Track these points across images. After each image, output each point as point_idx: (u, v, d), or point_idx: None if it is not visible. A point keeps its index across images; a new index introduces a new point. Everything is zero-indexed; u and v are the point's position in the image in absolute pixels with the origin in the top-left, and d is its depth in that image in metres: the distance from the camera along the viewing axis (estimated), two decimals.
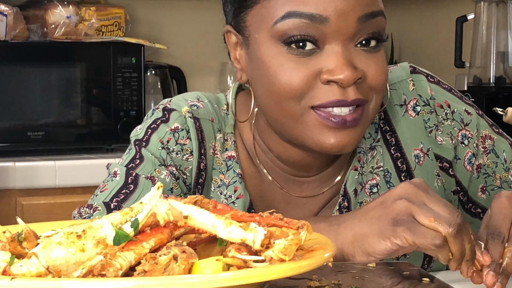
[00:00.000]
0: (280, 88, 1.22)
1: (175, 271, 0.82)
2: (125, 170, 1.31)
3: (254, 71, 1.27)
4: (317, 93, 1.21)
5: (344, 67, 1.20)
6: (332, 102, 1.21)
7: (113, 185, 1.31)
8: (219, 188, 1.35)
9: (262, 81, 1.25)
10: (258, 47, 1.25)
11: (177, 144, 1.33)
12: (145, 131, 1.35)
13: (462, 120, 1.40)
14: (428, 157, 1.38)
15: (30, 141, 2.78)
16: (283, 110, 1.23)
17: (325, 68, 1.21)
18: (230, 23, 1.30)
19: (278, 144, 1.32)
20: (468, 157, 1.40)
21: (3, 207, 2.62)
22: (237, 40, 1.30)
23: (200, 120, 1.35)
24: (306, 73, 1.21)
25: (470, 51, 3.00)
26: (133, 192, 1.28)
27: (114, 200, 1.28)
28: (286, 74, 1.21)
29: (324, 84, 1.21)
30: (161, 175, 1.30)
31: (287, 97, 1.22)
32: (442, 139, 1.39)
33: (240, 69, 1.30)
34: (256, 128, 1.36)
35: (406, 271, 1.11)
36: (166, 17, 3.42)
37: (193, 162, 1.33)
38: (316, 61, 1.21)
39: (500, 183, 1.40)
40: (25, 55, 2.83)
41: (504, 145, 1.42)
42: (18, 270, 0.82)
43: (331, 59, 1.21)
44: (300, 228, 0.86)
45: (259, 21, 1.24)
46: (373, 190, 1.36)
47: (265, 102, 1.26)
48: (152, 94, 3.16)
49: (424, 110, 1.38)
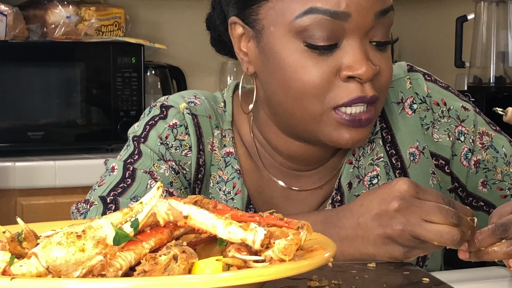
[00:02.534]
0: (301, 86, 1.23)
1: (175, 271, 0.82)
2: (122, 164, 1.32)
3: (267, 65, 1.27)
4: (338, 92, 1.23)
5: (363, 61, 1.22)
6: (354, 99, 1.23)
7: (110, 179, 1.31)
8: (217, 184, 1.35)
9: (277, 76, 1.25)
10: (273, 41, 1.24)
11: (175, 140, 1.33)
12: (143, 127, 1.35)
13: (458, 116, 1.41)
14: (424, 155, 1.39)
15: (30, 141, 2.78)
16: (302, 108, 1.24)
17: (344, 64, 1.22)
18: (236, 15, 1.29)
19: (279, 137, 1.33)
20: (465, 153, 1.40)
21: (3, 207, 2.62)
22: (244, 32, 1.29)
23: (198, 117, 1.35)
24: (326, 70, 1.22)
25: (470, 51, 3.00)
26: (131, 186, 1.29)
27: (111, 194, 1.29)
28: (307, 71, 1.22)
29: (344, 82, 1.22)
30: (160, 169, 1.31)
31: (308, 95, 1.23)
32: (438, 136, 1.40)
33: (247, 61, 1.30)
34: (255, 122, 1.36)
35: (406, 271, 1.11)
36: (166, 17, 3.42)
37: (192, 158, 1.33)
38: (335, 57, 1.23)
39: (502, 177, 1.41)
40: (25, 55, 2.83)
41: (502, 141, 1.43)
42: (18, 270, 0.82)
43: (349, 54, 1.22)
44: (300, 228, 0.86)
45: (276, 15, 1.24)
46: (373, 182, 1.37)
47: (279, 96, 1.26)
48: (152, 94, 3.15)
49: (421, 108, 1.39)
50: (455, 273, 1.29)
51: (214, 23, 1.40)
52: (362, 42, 1.23)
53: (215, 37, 1.42)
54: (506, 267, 1.29)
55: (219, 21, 1.37)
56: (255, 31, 1.27)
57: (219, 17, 1.37)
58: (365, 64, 1.21)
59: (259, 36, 1.27)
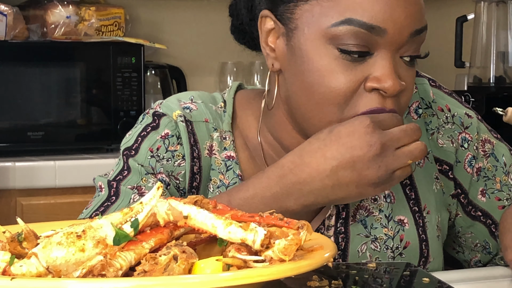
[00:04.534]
0: (326, 92, 1.21)
1: (175, 271, 0.82)
2: (107, 183, 1.31)
3: (294, 65, 1.25)
4: (359, 101, 1.21)
5: (391, 76, 1.20)
6: (373, 110, 1.21)
7: (97, 200, 1.31)
8: (218, 188, 1.34)
9: (303, 78, 1.23)
10: (305, 42, 1.23)
11: (167, 151, 1.32)
12: (135, 139, 1.34)
13: (462, 123, 1.40)
14: (428, 160, 1.38)
15: (30, 141, 2.78)
16: (322, 114, 1.23)
17: (372, 75, 1.21)
18: (270, 9, 1.27)
19: (292, 137, 1.31)
20: (469, 160, 1.40)
21: (3, 207, 2.62)
22: (274, 27, 1.27)
23: (193, 123, 1.34)
24: (353, 79, 1.21)
25: (470, 51, 3.00)
26: (114, 203, 1.28)
27: (93, 214, 1.28)
28: (335, 77, 1.21)
29: (368, 92, 1.21)
30: (148, 183, 1.30)
31: (331, 102, 1.21)
32: (443, 142, 1.39)
33: (273, 57, 1.28)
34: (266, 122, 1.35)
35: (406, 271, 1.11)
36: (166, 17, 3.42)
37: (186, 166, 1.32)
38: (364, 67, 1.21)
39: (500, 186, 1.41)
40: (25, 55, 2.83)
41: (503, 149, 1.43)
42: (18, 270, 0.82)
43: (379, 67, 1.21)
44: (300, 228, 0.86)
45: (312, 18, 1.22)
46: None
47: (300, 98, 1.25)
48: (152, 94, 3.15)
49: (426, 113, 1.39)
50: (455, 273, 1.29)
51: (238, 10, 1.37)
52: (394, 57, 1.22)
53: (236, 25, 1.39)
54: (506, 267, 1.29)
55: (244, 10, 1.35)
56: (287, 29, 1.25)
57: (245, 6, 1.34)
58: (393, 79, 1.20)
59: (290, 34, 1.25)
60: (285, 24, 1.26)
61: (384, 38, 1.20)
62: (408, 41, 1.22)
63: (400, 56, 1.23)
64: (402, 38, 1.21)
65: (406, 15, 1.21)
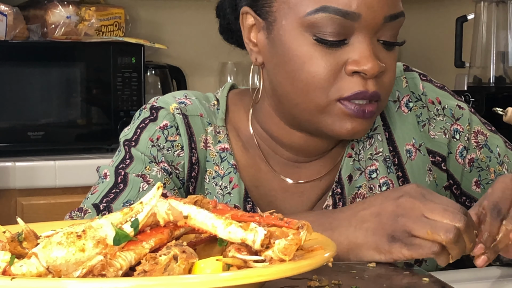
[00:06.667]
0: (308, 78, 1.25)
1: (175, 271, 0.82)
2: (114, 170, 1.33)
3: (275, 56, 1.29)
4: (342, 85, 1.25)
5: (369, 58, 1.24)
6: (356, 93, 1.25)
7: (103, 186, 1.32)
8: (214, 179, 1.37)
9: (286, 68, 1.28)
10: (284, 33, 1.27)
11: (167, 141, 1.35)
12: (134, 131, 1.37)
13: (453, 115, 1.43)
14: (420, 152, 1.41)
15: (30, 141, 2.78)
16: (308, 99, 1.26)
17: (351, 59, 1.25)
18: (249, 5, 1.31)
19: (281, 128, 1.35)
20: (460, 151, 1.42)
21: (3, 207, 2.62)
22: (255, 22, 1.32)
23: (188, 117, 1.37)
24: (333, 63, 1.25)
25: (470, 51, 3.00)
26: (123, 191, 1.30)
27: (104, 201, 1.30)
28: (314, 63, 1.25)
29: (349, 76, 1.25)
30: (152, 172, 1.32)
31: (314, 87, 1.25)
32: (435, 133, 1.42)
33: (256, 51, 1.33)
34: (255, 116, 1.39)
35: (406, 271, 1.11)
36: (166, 17, 3.42)
37: (185, 157, 1.35)
38: (343, 52, 1.25)
39: (495, 177, 1.43)
40: (25, 55, 2.83)
41: (497, 141, 1.45)
42: (18, 270, 0.82)
43: (357, 50, 1.25)
44: (300, 228, 0.86)
45: (289, 9, 1.26)
46: (372, 176, 1.39)
47: (285, 87, 1.29)
48: (152, 94, 3.15)
49: (416, 106, 1.42)
50: (455, 273, 1.29)
51: (224, 11, 1.41)
52: (371, 40, 1.26)
53: (224, 25, 1.43)
54: (506, 267, 1.29)
55: (229, 9, 1.39)
56: (266, 23, 1.30)
57: (229, 6, 1.39)
58: (372, 61, 1.24)
59: (270, 27, 1.29)
60: (265, 18, 1.30)
61: (359, 22, 1.24)
62: (384, 25, 1.26)
63: (378, 39, 1.27)
64: (376, 22, 1.25)
65: (378, 0, 1.24)
